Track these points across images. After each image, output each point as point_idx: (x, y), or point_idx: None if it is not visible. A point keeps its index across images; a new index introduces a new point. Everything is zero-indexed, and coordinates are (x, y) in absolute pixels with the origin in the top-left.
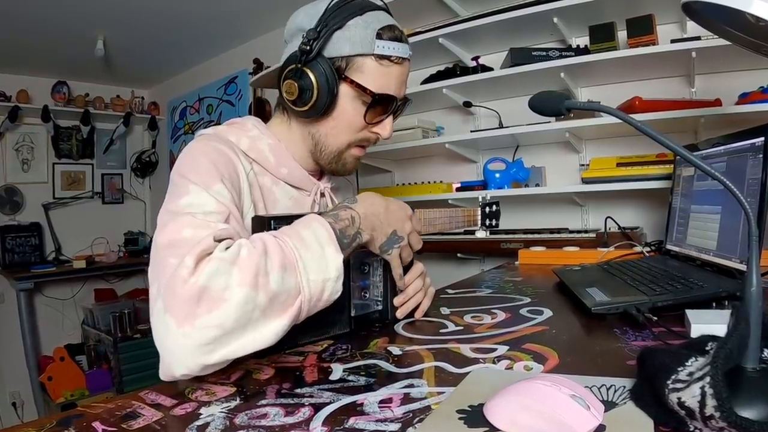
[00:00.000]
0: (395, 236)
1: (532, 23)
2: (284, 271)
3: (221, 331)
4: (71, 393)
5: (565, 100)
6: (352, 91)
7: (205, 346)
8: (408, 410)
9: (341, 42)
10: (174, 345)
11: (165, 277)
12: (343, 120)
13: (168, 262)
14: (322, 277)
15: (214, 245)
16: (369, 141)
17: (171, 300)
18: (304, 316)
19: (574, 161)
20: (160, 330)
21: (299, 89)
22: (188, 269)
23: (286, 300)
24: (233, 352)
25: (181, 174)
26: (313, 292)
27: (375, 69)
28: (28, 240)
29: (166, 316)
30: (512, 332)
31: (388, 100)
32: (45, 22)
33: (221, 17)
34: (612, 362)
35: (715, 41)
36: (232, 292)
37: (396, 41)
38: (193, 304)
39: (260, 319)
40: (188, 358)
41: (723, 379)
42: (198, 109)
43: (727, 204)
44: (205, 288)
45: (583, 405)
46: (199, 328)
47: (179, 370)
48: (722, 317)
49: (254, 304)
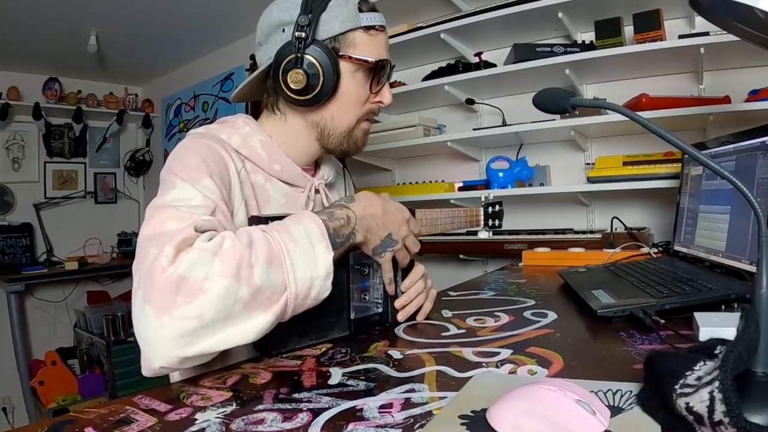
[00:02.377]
0: (390, 239)
1: (536, 18)
2: (270, 265)
3: (200, 322)
4: (63, 398)
5: (570, 97)
6: (351, 67)
7: (183, 338)
8: (409, 416)
9: (330, 22)
10: (152, 335)
11: (145, 267)
12: (347, 98)
13: (149, 253)
14: (310, 274)
15: (195, 235)
16: (374, 112)
17: (150, 289)
18: (290, 314)
19: (580, 160)
20: (139, 321)
21: (306, 76)
22: (168, 258)
23: (271, 295)
24: (213, 346)
25: (170, 171)
26: (300, 289)
27: (366, 40)
28: (19, 241)
29: (145, 306)
30: (516, 335)
31: (384, 67)
32: (36, 17)
33: (217, 12)
34: (618, 366)
35: (724, 37)
36: (213, 282)
37: (374, 11)
38: (171, 294)
39: (242, 313)
40: (166, 349)
41: (732, 384)
42: (193, 107)
43: (737, 204)
44: (184, 277)
45: (589, 410)
46: (177, 319)
47: (157, 362)
48: (731, 320)
49: (236, 297)
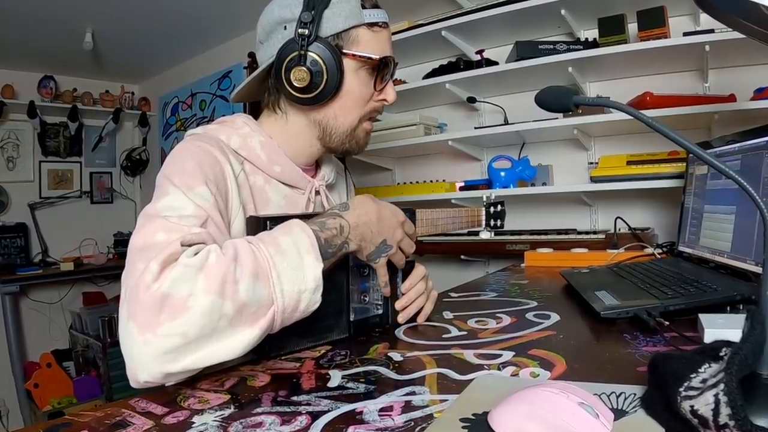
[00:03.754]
0: (384, 245)
1: (538, 15)
2: (255, 279)
3: (184, 339)
4: (58, 401)
5: (573, 95)
6: (355, 64)
7: (166, 355)
8: (409, 419)
9: (333, 19)
10: (136, 352)
11: (131, 282)
12: (351, 96)
13: (136, 267)
14: (297, 288)
15: (181, 250)
16: (377, 111)
17: (134, 306)
18: (278, 327)
19: (583, 159)
20: (124, 336)
21: (310, 74)
22: (152, 275)
23: (258, 310)
24: (198, 362)
25: (165, 175)
26: (287, 303)
27: (369, 37)
28: (14, 241)
29: (129, 322)
30: (518, 337)
31: (388, 64)
32: (31, 14)
33: (215, 9)
34: (622, 369)
35: (729, 34)
36: (197, 299)
37: (377, 8)
38: (155, 311)
39: (227, 328)
40: (150, 365)
41: (738, 387)
42: (191, 105)
43: (742, 204)
44: (168, 295)
45: (592, 413)
46: (161, 336)
47: (142, 376)
48: (737, 322)
49: (220, 313)
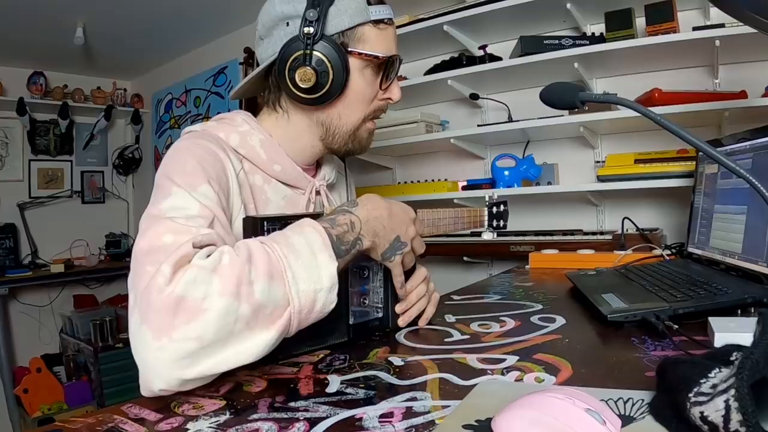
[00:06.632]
0: (398, 242)
1: (543, 9)
2: (270, 280)
3: (200, 343)
4: (49, 407)
5: (579, 92)
6: (360, 63)
7: (183, 360)
8: (410, 425)
9: (339, 16)
10: (151, 358)
11: (142, 285)
12: (356, 95)
13: (145, 270)
14: (313, 287)
15: (193, 252)
16: (381, 110)
17: (147, 310)
18: (295, 329)
19: (589, 158)
20: (137, 342)
21: (315, 74)
22: (165, 278)
23: (274, 311)
24: (215, 367)
25: (166, 175)
26: (304, 303)
27: (375, 34)
28: (2, 242)
29: (143, 327)
30: (522, 341)
31: (394, 63)
32: (20, 8)
33: (210, 3)
34: (629, 374)
35: (740, 29)
36: (212, 302)
37: (382, 4)
38: (169, 315)
39: (244, 331)
40: (166, 372)
41: (749, 392)
42: (185, 102)
43: (754, 204)
44: (182, 298)
45: (599, 419)
46: (176, 341)
47: (157, 385)
48: (748, 325)
49: (236, 316)
